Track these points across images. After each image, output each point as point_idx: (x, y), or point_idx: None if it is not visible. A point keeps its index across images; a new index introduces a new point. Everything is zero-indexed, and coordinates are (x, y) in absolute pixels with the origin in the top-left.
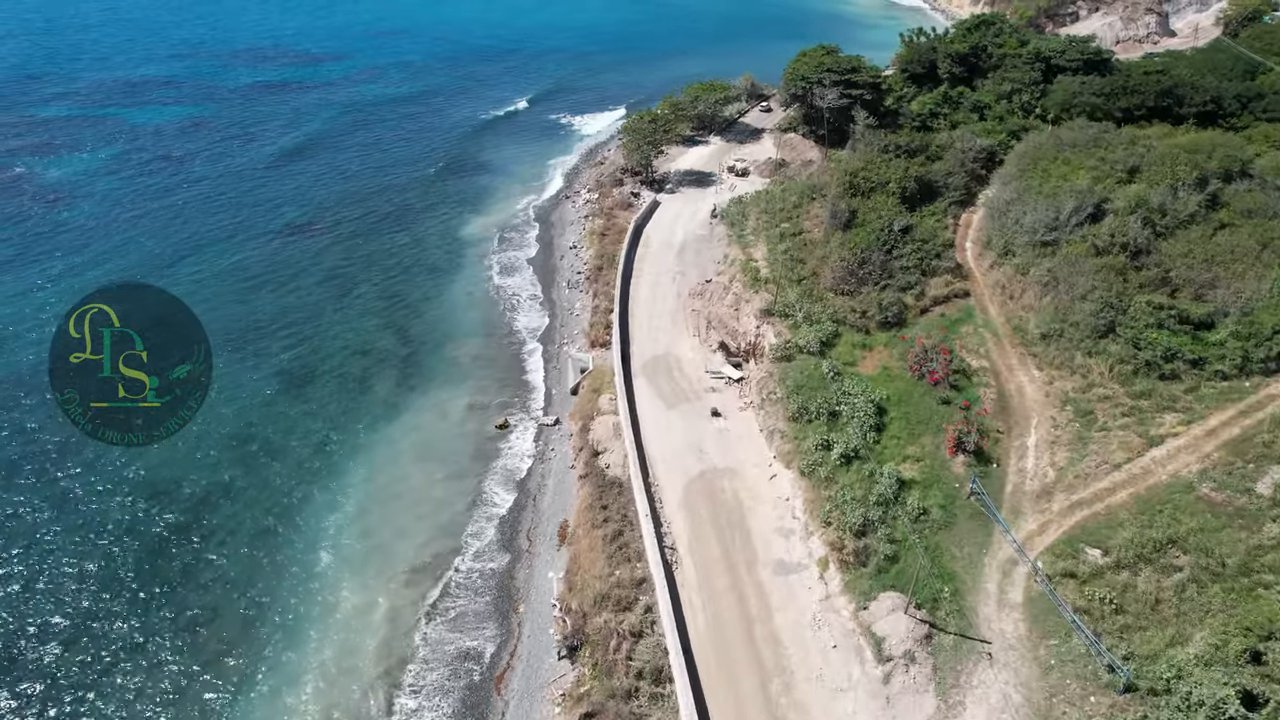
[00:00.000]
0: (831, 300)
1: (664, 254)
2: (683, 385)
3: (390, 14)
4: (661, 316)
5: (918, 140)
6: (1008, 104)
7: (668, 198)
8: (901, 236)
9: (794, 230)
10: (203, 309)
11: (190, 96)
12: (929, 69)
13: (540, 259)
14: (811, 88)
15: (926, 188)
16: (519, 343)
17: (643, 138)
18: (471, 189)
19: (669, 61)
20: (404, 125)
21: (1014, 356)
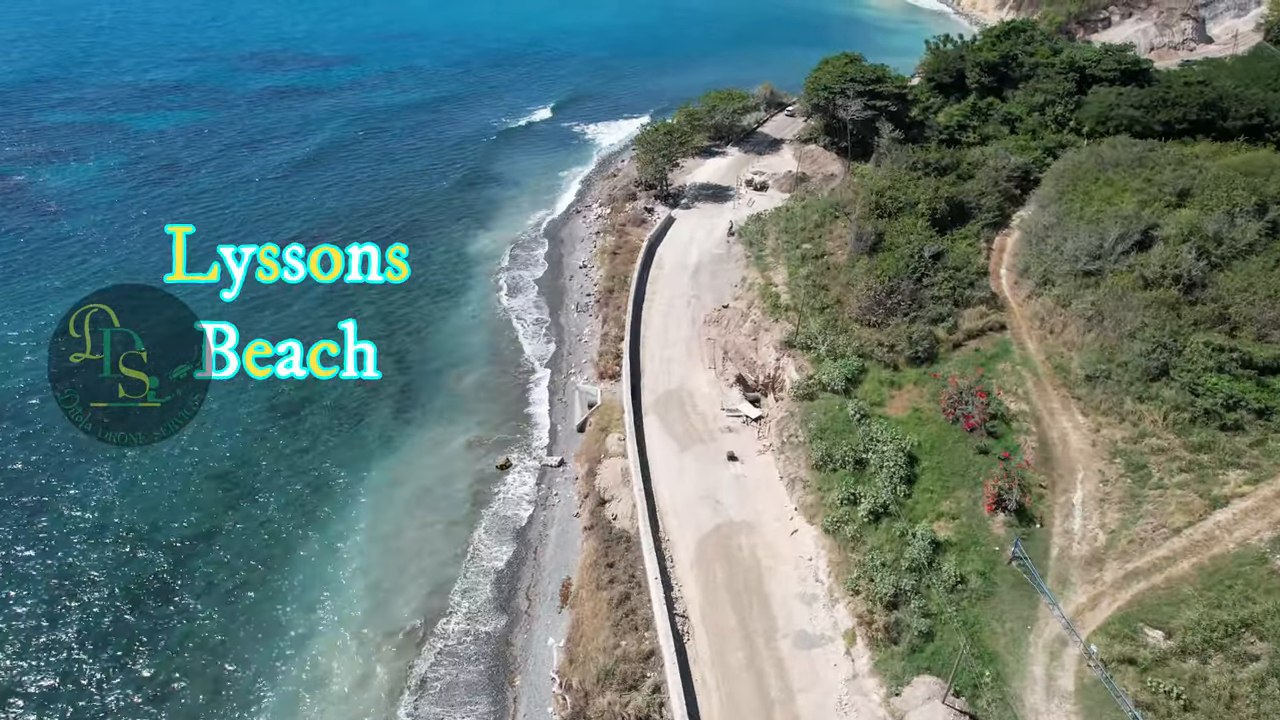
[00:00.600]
0: (857, 332)
1: (678, 276)
2: (697, 424)
3: (401, 17)
4: (675, 345)
5: (948, 157)
6: (1040, 116)
7: (682, 213)
8: (932, 264)
9: (816, 252)
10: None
11: (198, 102)
12: (957, 78)
13: (548, 279)
14: (834, 98)
15: (958, 209)
16: (523, 372)
17: (657, 151)
18: (480, 202)
19: (685, 67)
20: (413, 134)
21: (1056, 399)
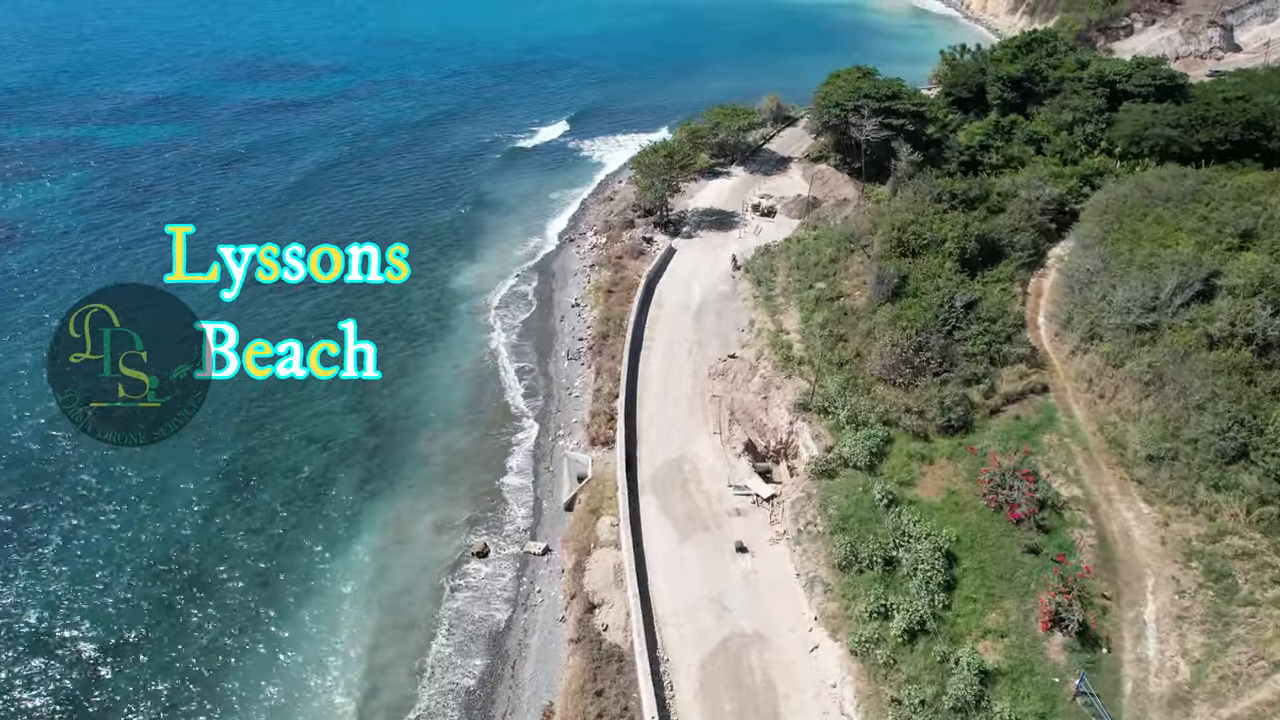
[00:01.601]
0: (881, 394)
1: (679, 318)
2: (701, 505)
3: (395, 24)
4: (676, 404)
5: (975, 187)
6: (1069, 136)
7: (684, 243)
8: (964, 314)
9: (831, 293)
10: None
11: (176, 115)
12: (976, 93)
13: (537, 319)
14: (847, 116)
15: (988, 247)
16: (506, 433)
17: (656, 175)
18: (468, 228)
19: (688, 75)
20: (398, 153)
21: (1113, 481)
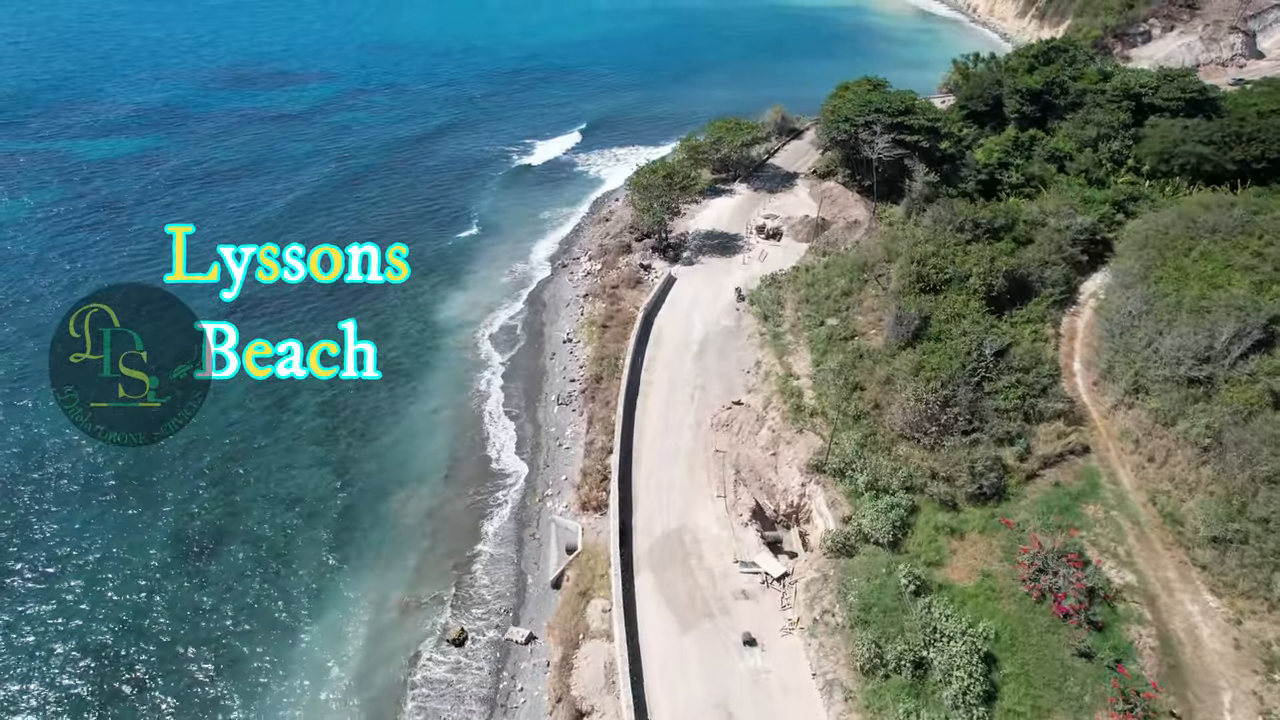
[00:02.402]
0: (903, 454)
1: (679, 357)
2: (703, 584)
3: (389, 29)
4: (675, 461)
5: (1000, 215)
6: (1093, 153)
7: (684, 271)
8: (995, 363)
9: (844, 331)
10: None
11: (157, 126)
12: (993, 106)
13: (527, 357)
14: (857, 132)
15: (1017, 283)
16: (488, 492)
17: (655, 197)
18: (454, 253)
19: (689, 83)
20: (383, 168)
21: (1171, 565)
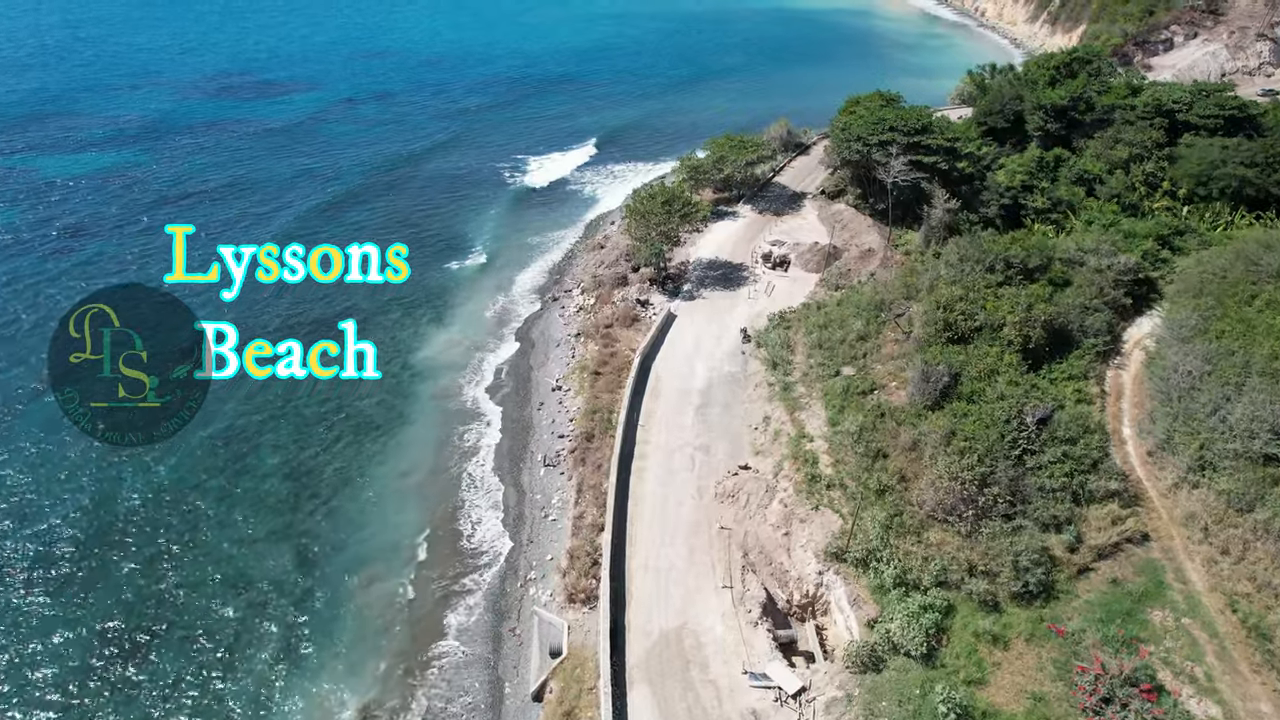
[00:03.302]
0: (935, 540)
1: (680, 410)
2: (707, 703)
3: (378, 34)
4: (674, 539)
5: (1035, 254)
6: (1124, 175)
7: (685, 307)
8: (1037, 432)
9: (862, 383)
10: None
11: (131, 138)
12: (1013, 122)
13: (512, 406)
14: (870, 151)
15: (1056, 333)
16: (462, 572)
17: (653, 225)
18: (437, 283)
19: (690, 94)
20: (362, 191)
21: (1263, 694)
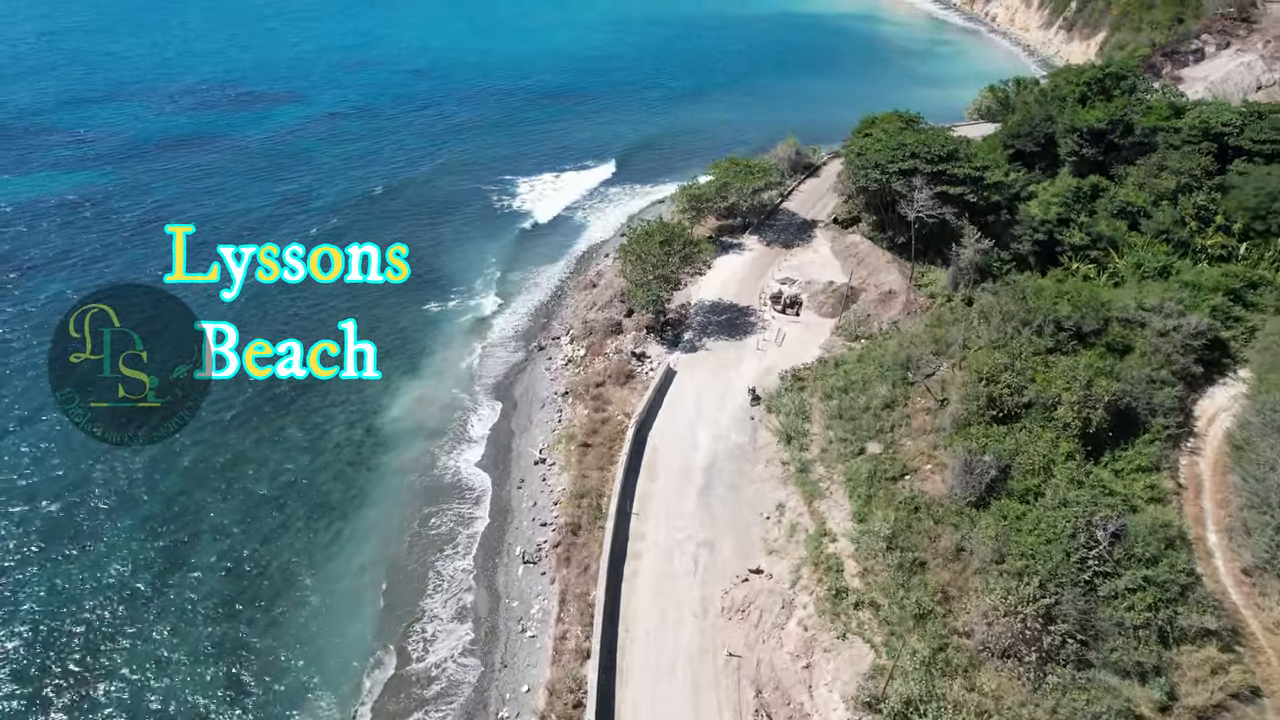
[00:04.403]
0: (990, 687)
1: (680, 492)
2: None
3: (368, 42)
4: (673, 671)
5: (1089, 316)
6: (1171, 208)
7: (686, 360)
8: (1111, 547)
9: (891, 465)
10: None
11: (96, 157)
12: (1043, 145)
13: (492, 481)
14: (890, 181)
15: (1119, 412)
16: (420, 704)
17: (650, 269)
18: (407, 321)
19: (692, 106)
20: (331, 212)
21: None
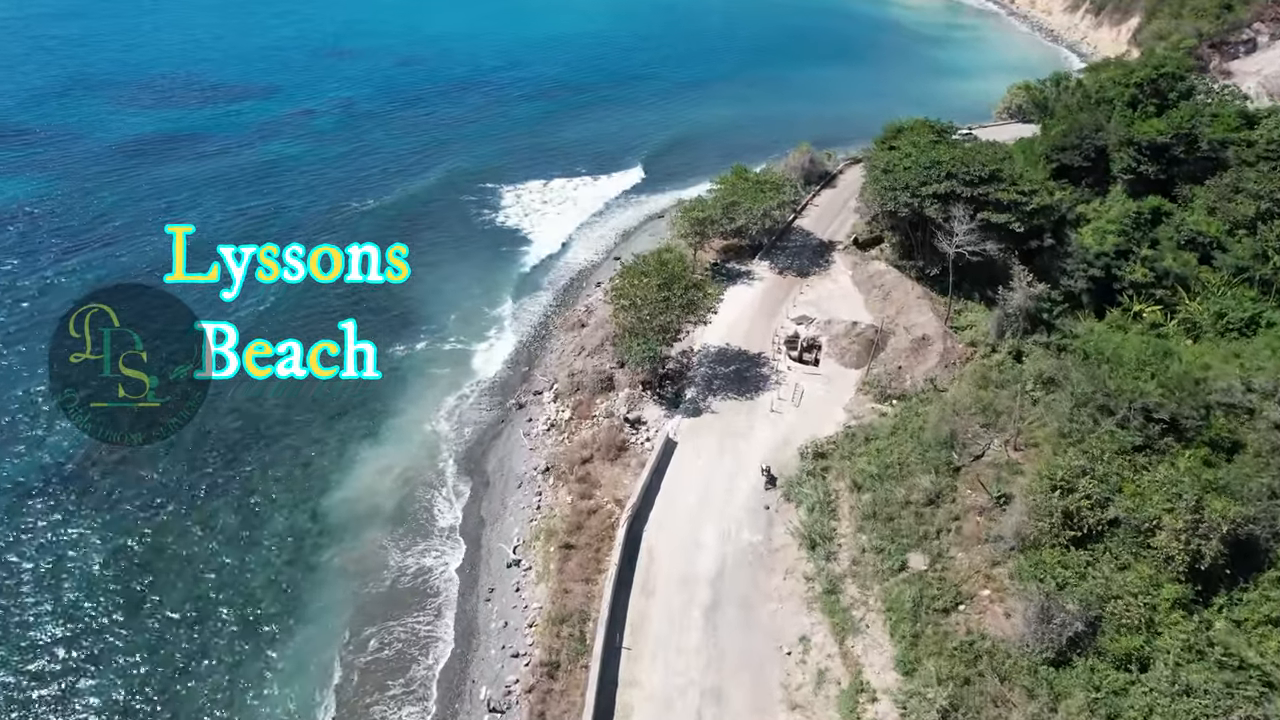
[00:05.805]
0: None
1: (682, 614)
2: None
3: (349, 30)
4: None
5: (1186, 404)
6: (1251, 238)
7: (689, 426)
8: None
9: (940, 592)
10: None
11: (40, 161)
12: (1093, 159)
13: (455, 588)
14: (921, 205)
15: (1236, 540)
16: None
17: (649, 315)
18: (371, 380)
19: (695, 103)
20: (289, 228)
21: None
